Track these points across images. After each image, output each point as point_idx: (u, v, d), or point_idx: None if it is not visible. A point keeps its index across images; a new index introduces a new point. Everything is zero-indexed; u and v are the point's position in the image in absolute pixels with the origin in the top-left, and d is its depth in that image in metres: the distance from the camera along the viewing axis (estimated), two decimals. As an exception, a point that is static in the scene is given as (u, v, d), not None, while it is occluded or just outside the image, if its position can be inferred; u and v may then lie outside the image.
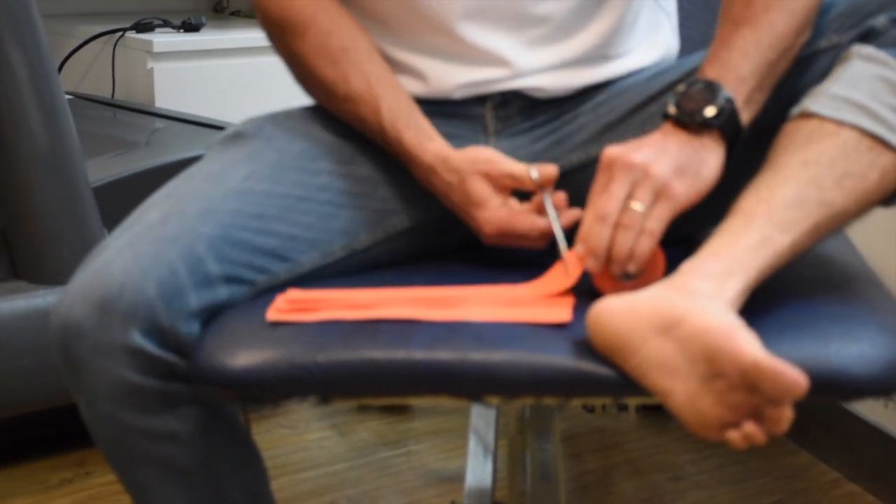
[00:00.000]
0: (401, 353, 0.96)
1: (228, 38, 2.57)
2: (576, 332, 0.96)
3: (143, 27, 2.56)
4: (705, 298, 0.91)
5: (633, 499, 1.81)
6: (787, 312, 0.98)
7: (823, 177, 0.98)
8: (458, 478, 1.73)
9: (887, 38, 1.04)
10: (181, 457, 1.04)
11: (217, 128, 2.10)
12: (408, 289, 1.06)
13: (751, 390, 0.85)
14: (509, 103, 1.20)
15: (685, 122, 1.03)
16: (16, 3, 1.64)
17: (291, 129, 1.18)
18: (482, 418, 1.69)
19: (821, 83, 1.04)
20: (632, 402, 1.03)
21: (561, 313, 0.99)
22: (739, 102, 1.04)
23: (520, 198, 1.11)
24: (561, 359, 0.94)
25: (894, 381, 0.93)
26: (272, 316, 1.00)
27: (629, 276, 1.02)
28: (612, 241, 1.00)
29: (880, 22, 1.05)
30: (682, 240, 1.05)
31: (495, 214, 1.09)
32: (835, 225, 0.99)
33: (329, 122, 1.19)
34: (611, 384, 0.93)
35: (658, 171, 1.00)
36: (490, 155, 1.11)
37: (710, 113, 1.03)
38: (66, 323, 1.00)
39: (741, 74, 1.05)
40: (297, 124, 1.19)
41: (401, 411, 2.08)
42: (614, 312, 0.92)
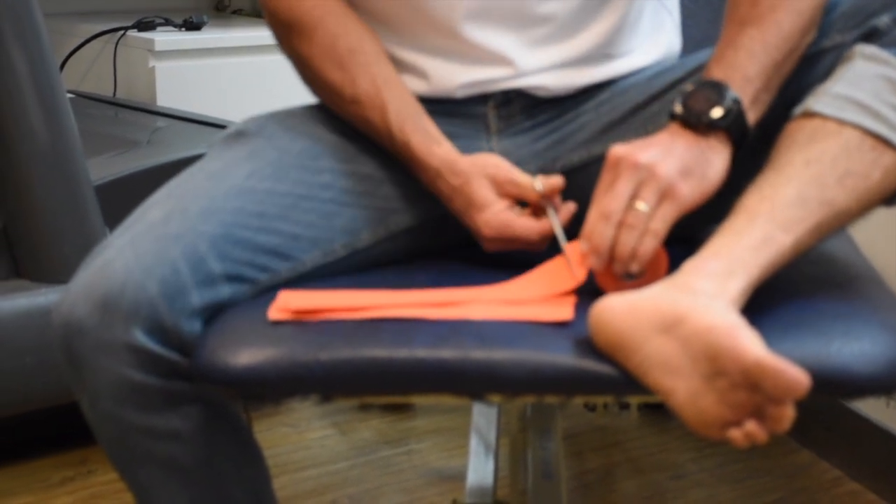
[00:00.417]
0: (403, 352, 0.96)
1: (230, 36, 2.57)
2: (577, 330, 0.96)
3: (145, 26, 2.56)
4: (707, 297, 0.91)
5: (635, 497, 1.81)
6: (788, 311, 0.98)
7: (825, 176, 0.98)
8: (460, 476, 1.73)
9: (890, 37, 1.04)
10: (183, 455, 1.04)
11: (218, 126, 2.10)
12: (409, 290, 1.06)
13: (753, 389, 0.86)
14: (511, 102, 1.20)
15: (692, 123, 1.03)
16: (17, 2, 1.64)
17: (293, 127, 1.18)
18: (484, 417, 1.70)
19: (823, 82, 1.04)
20: (633, 400, 1.04)
21: (563, 312, 0.99)
22: (746, 103, 1.04)
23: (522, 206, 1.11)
24: (562, 357, 0.94)
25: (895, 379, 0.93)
26: (274, 315, 1.00)
27: (632, 276, 1.02)
28: (615, 240, 1.00)
29: (883, 22, 1.05)
30: (684, 238, 1.05)
31: (495, 217, 1.09)
32: (837, 224, 0.99)
33: (330, 121, 1.19)
34: (612, 383, 0.93)
35: (664, 171, 1.00)
36: (496, 160, 1.11)
37: (717, 114, 1.03)
38: (67, 321, 1.00)
39: (747, 75, 1.04)
40: (298, 123, 1.19)
41: (402, 410, 2.08)
42: (616, 311, 0.93)
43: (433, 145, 1.12)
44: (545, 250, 1.10)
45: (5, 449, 1.87)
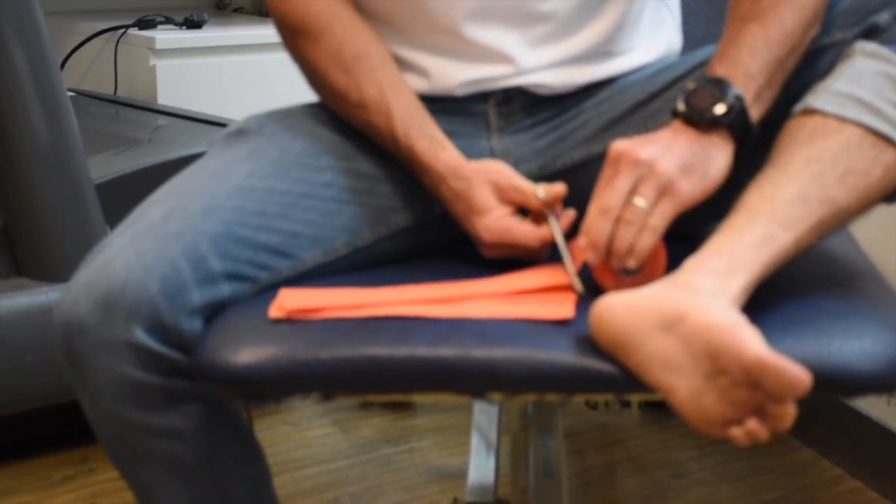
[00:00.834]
0: (403, 350, 0.96)
1: (231, 35, 2.57)
2: (578, 328, 0.96)
3: (146, 24, 2.56)
4: (708, 295, 0.91)
5: (636, 495, 1.81)
6: (789, 309, 0.98)
7: (826, 174, 0.97)
8: (461, 474, 1.73)
9: (891, 34, 1.04)
10: (184, 454, 1.04)
11: (219, 125, 2.10)
12: (410, 287, 1.06)
13: (754, 387, 0.85)
14: (512, 100, 1.20)
15: (694, 120, 1.03)
16: (18, 1, 1.64)
17: (293, 126, 1.18)
18: (485, 415, 1.70)
19: (824, 80, 1.04)
20: (634, 398, 1.03)
21: (564, 309, 0.99)
22: (749, 100, 1.04)
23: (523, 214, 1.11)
24: (563, 355, 0.94)
25: (897, 377, 0.93)
26: (274, 313, 1.00)
27: (629, 272, 1.01)
28: (612, 235, 1.00)
29: (884, 19, 1.05)
30: (685, 236, 1.04)
31: (496, 223, 1.09)
32: (837, 222, 0.99)
33: (330, 120, 1.19)
34: (613, 381, 0.93)
35: (664, 168, 1.00)
36: (501, 167, 1.11)
37: (720, 111, 1.02)
38: (68, 320, 1.00)
39: (750, 71, 1.04)
40: (298, 121, 1.19)
41: (403, 408, 2.08)
42: (617, 309, 0.92)
43: (438, 150, 1.12)
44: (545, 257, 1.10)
45: (6, 447, 1.87)
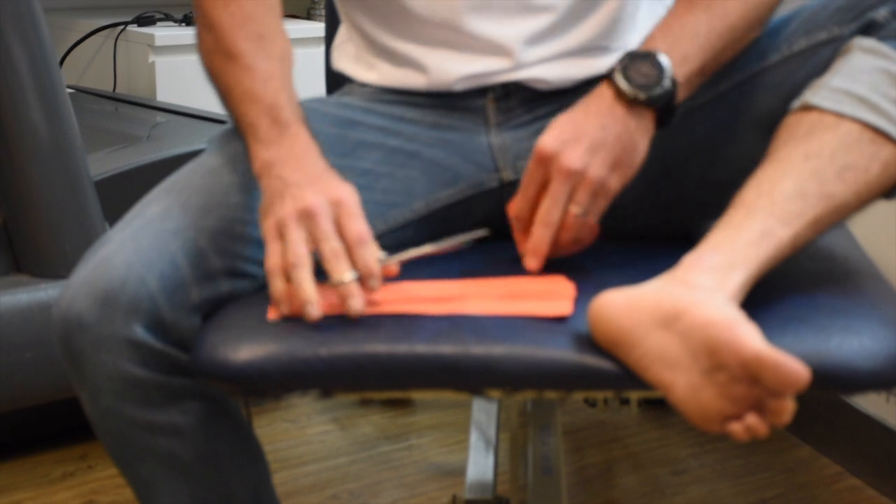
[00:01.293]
0: (403, 347, 0.96)
1: (230, 32, 2.56)
2: (577, 325, 0.96)
3: (145, 21, 2.56)
4: (707, 292, 0.91)
5: (635, 493, 1.81)
6: (788, 306, 0.98)
7: (824, 170, 0.98)
8: (460, 472, 1.73)
9: (888, 30, 1.04)
10: (183, 450, 1.04)
11: (218, 122, 2.10)
12: (405, 284, 1.05)
13: (752, 382, 0.86)
14: (511, 95, 1.20)
15: (628, 98, 1.03)
16: (17, -3, 1.64)
17: (292, 122, 1.18)
18: (484, 412, 1.70)
19: (821, 76, 1.04)
20: (633, 395, 1.04)
21: (561, 307, 0.99)
22: (679, 82, 1.04)
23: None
24: (562, 352, 0.95)
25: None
26: (272, 315, 1.00)
27: None
28: (555, 239, 1.04)
29: (881, 14, 1.05)
30: (683, 234, 1.05)
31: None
32: (836, 218, 0.99)
33: (329, 116, 1.19)
34: (612, 378, 0.93)
35: (595, 174, 1.02)
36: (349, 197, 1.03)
37: (656, 93, 1.03)
38: (67, 316, 1.00)
39: (687, 54, 1.05)
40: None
41: (402, 405, 2.08)
42: (615, 306, 0.93)
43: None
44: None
45: (6, 444, 1.87)
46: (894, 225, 1.65)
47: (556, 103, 1.20)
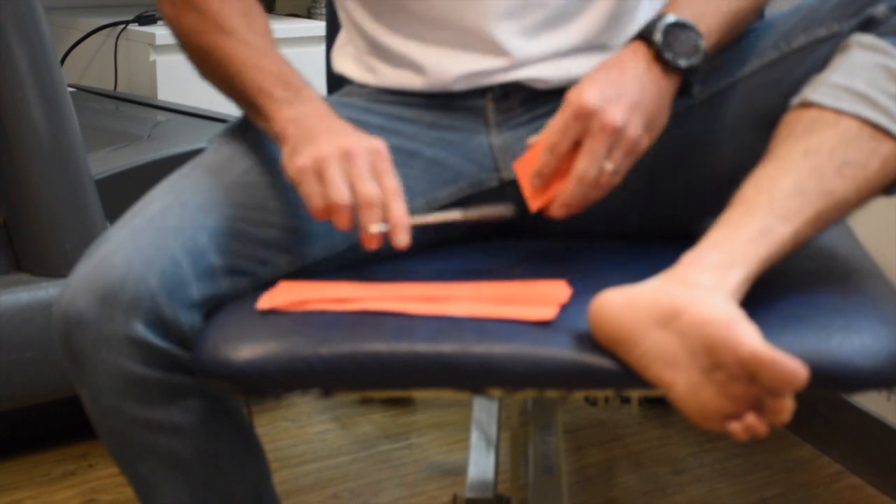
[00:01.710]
0: (403, 346, 0.96)
1: (230, 30, 2.56)
2: (577, 324, 0.96)
3: (146, 20, 2.56)
4: (706, 290, 0.91)
5: (635, 491, 1.81)
6: (788, 305, 0.98)
7: (824, 166, 0.97)
8: (461, 471, 1.73)
9: (887, 26, 1.04)
10: (184, 449, 1.04)
11: (219, 120, 2.11)
12: (399, 284, 1.05)
13: (751, 381, 0.86)
14: (510, 95, 1.20)
15: (668, 62, 1.04)
16: (18, -4, 1.64)
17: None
18: (484, 411, 1.70)
19: (821, 72, 1.04)
20: (634, 394, 1.04)
21: (545, 312, 0.98)
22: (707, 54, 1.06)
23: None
24: (563, 351, 0.95)
25: (896, 373, 0.93)
26: (262, 304, 1.00)
27: None
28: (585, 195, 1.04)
29: (880, 10, 1.05)
30: (682, 232, 1.05)
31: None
32: (836, 214, 0.99)
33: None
34: (613, 376, 0.93)
35: (633, 133, 1.02)
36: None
37: (694, 62, 1.05)
38: (68, 315, 1.00)
39: (710, 27, 1.06)
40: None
41: (403, 404, 2.08)
42: (615, 305, 0.93)
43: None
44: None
45: (6, 443, 1.87)
46: (895, 223, 1.65)
47: (555, 103, 1.20)
